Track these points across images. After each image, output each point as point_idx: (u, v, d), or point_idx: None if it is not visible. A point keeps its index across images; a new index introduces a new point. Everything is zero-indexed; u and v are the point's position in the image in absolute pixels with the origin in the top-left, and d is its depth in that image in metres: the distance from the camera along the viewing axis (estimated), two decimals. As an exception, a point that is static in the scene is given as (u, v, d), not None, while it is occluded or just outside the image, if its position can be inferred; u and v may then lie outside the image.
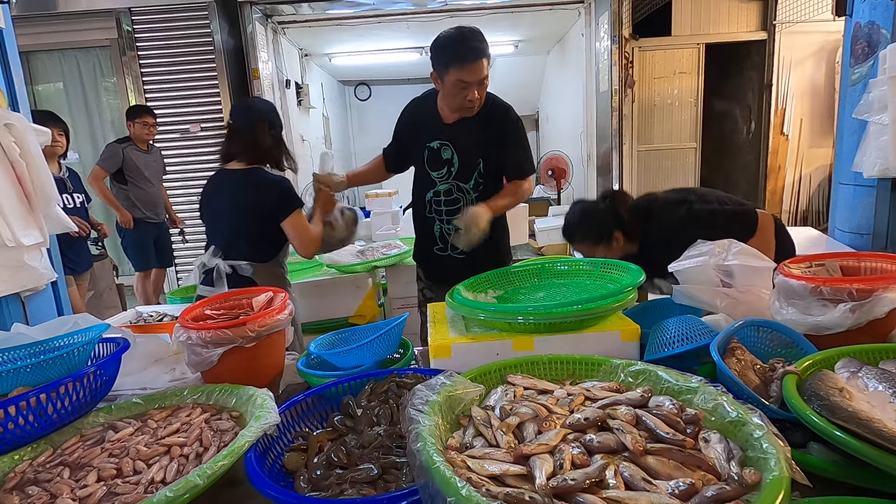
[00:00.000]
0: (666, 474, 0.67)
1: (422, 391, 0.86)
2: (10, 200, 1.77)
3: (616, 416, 0.79)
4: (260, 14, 5.17)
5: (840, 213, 2.54)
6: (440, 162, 1.92)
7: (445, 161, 1.91)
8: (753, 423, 0.71)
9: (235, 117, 1.93)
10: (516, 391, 0.93)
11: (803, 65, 5.05)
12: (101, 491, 0.82)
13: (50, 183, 1.88)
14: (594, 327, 1.17)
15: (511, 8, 5.54)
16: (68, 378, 0.98)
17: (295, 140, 6.18)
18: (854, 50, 2.39)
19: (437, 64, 1.78)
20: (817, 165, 5.22)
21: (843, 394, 0.81)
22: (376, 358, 1.33)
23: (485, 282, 1.53)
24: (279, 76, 5.76)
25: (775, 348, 1.13)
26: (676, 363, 1.02)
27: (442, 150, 1.91)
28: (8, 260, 1.79)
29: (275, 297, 1.34)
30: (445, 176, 1.93)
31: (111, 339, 1.22)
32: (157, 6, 4.73)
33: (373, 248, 2.81)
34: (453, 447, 0.78)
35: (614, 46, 5.01)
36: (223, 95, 4.90)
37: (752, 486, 0.63)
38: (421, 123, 1.97)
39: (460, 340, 1.15)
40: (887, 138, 2.05)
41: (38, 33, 4.73)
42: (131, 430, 1.00)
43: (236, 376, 1.14)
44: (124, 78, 4.85)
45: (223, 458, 0.80)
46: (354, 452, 0.90)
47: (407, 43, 6.89)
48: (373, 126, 10.20)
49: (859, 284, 1.06)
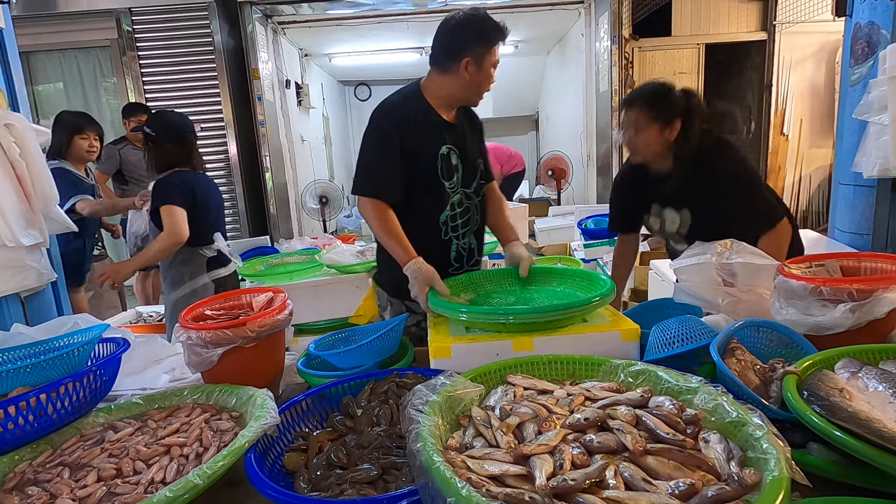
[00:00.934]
0: (666, 474, 0.67)
1: (422, 391, 0.86)
2: (10, 200, 1.77)
3: (616, 416, 0.79)
4: (260, 14, 5.17)
5: (840, 214, 2.54)
6: (451, 170, 1.65)
7: (454, 168, 1.65)
8: (753, 424, 0.71)
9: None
10: (516, 391, 0.93)
11: (803, 65, 5.05)
12: (101, 491, 0.82)
13: (50, 183, 1.89)
14: (594, 327, 1.17)
15: (511, 8, 5.54)
16: (68, 378, 0.97)
17: (295, 140, 6.19)
18: (854, 50, 2.39)
19: (475, 46, 1.53)
20: (817, 166, 5.22)
21: (843, 394, 0.81)
22: (376, 358, 1.33)
23: (458, 285, 1.52)
24: (279, 76, 5.76)
25: (775, 348, 1.12)
26: (676, 363, 1.02)
27: (451, 155, 1.64)
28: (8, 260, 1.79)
29: (275, 298, 1.34)
30: (455, 185, 1.66)
31: (111, 340, 1.22)
32: (157, 6, 4.73)
33: (373, 248, 2.80)
34: (453, 447, 0.78)
35: (614, 46, 5.01)
36: (223, 95, 4.90)
37: (752, 486, 0.63)
38: (424, 128, 1.59)
39: (460, 341, 1.15)
40: (887, 138, 2.05)
41: (38, 33, 4.73)
42: (131, 430, 1.00)
43: (236, 376, 1.14)
44: (124, 78, 4.85)
45: (223, 459, 0.80)
46: (354, 453, 0.90)
47: (407, 43, 6.89)
48: (373, 126, 10.20)
49: (859, 284, 1.06)
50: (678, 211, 1.76)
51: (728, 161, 1.70)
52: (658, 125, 1.67)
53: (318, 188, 5.84)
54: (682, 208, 1.74)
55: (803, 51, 5.01)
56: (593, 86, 5.65)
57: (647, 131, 1.69)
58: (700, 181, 1.69)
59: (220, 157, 5.03)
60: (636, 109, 1.71)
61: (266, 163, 5.28)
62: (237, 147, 5.00)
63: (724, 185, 1.67)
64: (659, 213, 1.83)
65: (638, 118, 1.70)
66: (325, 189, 5.88)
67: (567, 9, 5.64)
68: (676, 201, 1.76)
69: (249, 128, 5.19)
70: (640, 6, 5.02)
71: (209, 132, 4.97)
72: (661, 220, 1.83)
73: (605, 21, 5.14)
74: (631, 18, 4.99)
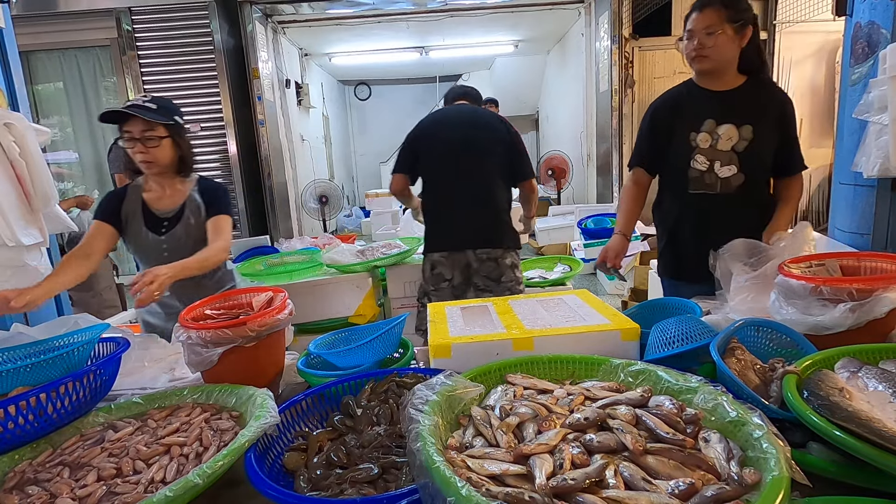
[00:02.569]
0: (666, 474, 0.67)
1: (422, 391, 0.86)
2: (10, 200, 1.77)
3: (616, 415, 0.79)
4: (260, 14, 5.17)
5: (840, 213, 2.54)
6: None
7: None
8: (753, 423, 0.71)
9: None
10: (516, 391, 0.93)
11: (803, 65, 5.05)
12: (101, 491, 0.82)
13: (50, 182, 1.89)
14: (594, 327, 1.17)
15: (511, 8, 5.54)
16: (68, 378, 0.97)
17: (295, 140, 6.19)
18: (854, 50, 2.39)
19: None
20: (817, 165, 5.22)
21: (843, 394, 0.81)
22: (376, 358, 1.33)
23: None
24: (279, 76, 5.76)
25: (775, 348, 1.13)
26: (676, 363, 1.02)
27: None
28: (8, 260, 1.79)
29: (275, 297, 1.34)
30: None
31: (111, 339, 1.22)
32: (157, 6, 4.73)
33: (373, 248, 2.81)
34: (453, 447, 0.78)
35: (614, 46, 5.01)
36: (223, 95, 4.90)
37: (752, 485, 0.63)
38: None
39: (460, 340, 1.15)
40: (887, 138, 2.04)
41: (38, 33, 4.73)
42: (131, 429, 1.00)
43: (236, 376, 1.14)
44: (124, 77, 4.85)
45: (223, 458, 0.80)
46: (354, 452, 0.90)
47: (407, 43, 6.89)
48: (373, 126, 10.22)
49: (859, 284, 1.06)
50: (739, 127, 1.72)
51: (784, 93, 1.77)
52: (734, 28, 1.65)
53: (318, 188, 5.84)
54: (744, 124, 1.71)
55: (803, 50, 5.00)
56: (593, 85, 5.65)
57: (723, 34, 1.65)
58: (767, 99, 1.71)
59: (220, 156, 5.03)
60: (713, 10, 1.66)
61: (266, 162, 5.28)
62: (237, 147, 5.00)
63: (788, 113, 1.72)
64: (712, 129, 1.76)
65: (714, 19, 1.65)
66: (325, 189, 5.89)
67: (567, 8, 5.64)
68: (739, 115, 1.72)
69: (249, 127, 5.19)
70: (640, 6, 5.01)
71: (209, 132, 4.97)
72: (715, 137, 1.76)
73: (605, 21, 5.14)
74: (631, 18, 4.99)
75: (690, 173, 1.78)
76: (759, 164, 1.72)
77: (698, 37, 1.69)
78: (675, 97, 1.86)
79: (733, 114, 1.73)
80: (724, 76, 1.75)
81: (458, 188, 2.36)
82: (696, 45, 1.70)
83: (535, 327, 1.18)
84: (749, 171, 1.72)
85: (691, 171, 1.77)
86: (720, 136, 1.74)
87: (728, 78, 1.75)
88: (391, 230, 5.81)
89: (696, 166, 1.76)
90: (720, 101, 1.75)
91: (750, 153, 1.71)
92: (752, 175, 1.73)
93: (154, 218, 1.81)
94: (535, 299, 1.44)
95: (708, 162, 1.76)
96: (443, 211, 2.42)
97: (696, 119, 1.78)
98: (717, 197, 1.76)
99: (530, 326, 1.19)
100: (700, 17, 1.68)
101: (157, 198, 1.83)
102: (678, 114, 1.83)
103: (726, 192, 1.74)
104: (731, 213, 1.75)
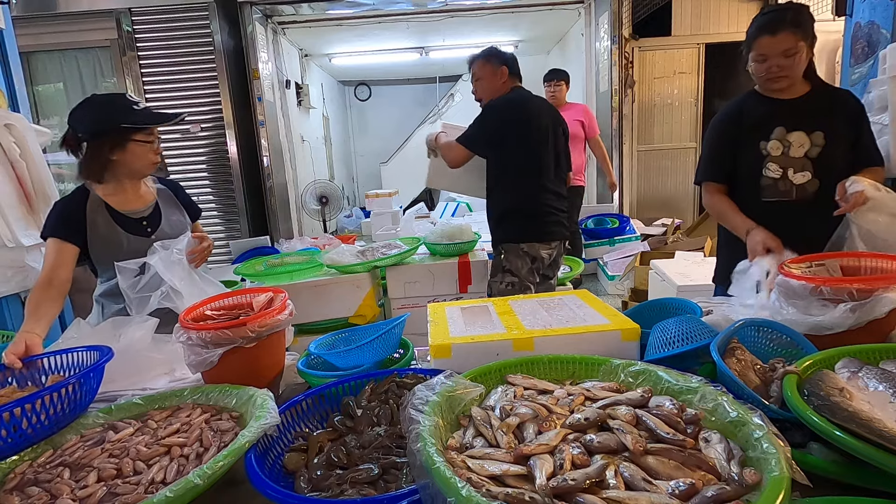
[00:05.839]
0: (666, 474, 0.67)
1: (422, 391, 0.86)
2: (10, 201, 1.77)
3: (616, 416, 0.79)
4: (260, 14, 5.18)
5: (840, 213, 2.54)
6: None
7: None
8: (753, 423, 0.71)
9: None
10: (516, 391, 0.93)
11: (803, 65, 5.04)
12: (102, 491, 0.82)
13: (50, 183, 1.89)
14: (594, 327, 1.17)
15: (511, 8, 5.54)
16: (45, 391, 0.97)
17: (295, 140, 6.19)
18: (854, 50, 2.39)
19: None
20: (817, 165, 5.22)
21: (844, 394, 0.81)
22: (376, 358, 1.33)
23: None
24: (279, 76, 5.76)
25: (775, 348, 1.12)
26: (676, 363, 1.02)
27: None
28: (8, 260, 1.79)
29: (275, 298, 1.34)
30: None
31: (94, 348, 1.21)
32: (157, 6, 4.73)
33: (373, 249, 2.80)
34: (453, 447, 0.78)
35: (614, 46, 5.01)
36: (223, 96, 4.90)
37: (753, 486, 0.63)
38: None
39: (460, 340, 1.15)
40: (887, 138, 2.05)
41: (38, 33, 4.74)
42: (131, 430, 1.00)
43: (236, 377, 1.14)
44: (124, 78, 4.85)
45: (223, 459, 0.80)
46: (354, 453, 0.90)
47: (407, 43, 6.89)
48: (373, 126, 10.22)
49: (859, 284, 1.06)
50: (809, 134, 1.72)
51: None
52: (807, 45, 1.68)
53: (318, 188, 5.84)
54: (815, 130, 1.71)
55: (803, 50, 5.00)
56: (593, 86, 5.65)
57: (798, 54, 1.67)
58: (835, 103, 1.73)
59: (220, 157, 5.03)
60: (788, 33, 1.66)
61: (266, 163, 5.29)
62: (237, 147, 5.00)
63: (858, 112, 1.74)
64: (783, 136, 1.75)
65: (791, 42, 1.66)
66: (325, 189, 5.89)
67: (567, 9, 5.64)
68: (809, 123, 1.72)
69: (249, 128, 5.19)
70: (640, 6, 5.02)
71: (209, 132, 4.98)
72: (786, 144, 1.75)
73: (605, 21, 5.14)
74: (631, 18, 4.99)
75: (763, 182, 1.76)
76: (833, 168, 1.70)
77: (774, 59, 1.69)
78: (738, 108, 1.85)
79: (803, 121, 1.73)
80: (794, 85, 1.75)
81: (554, 177, 2.44)
82: (772, 67, 1.70)
83: (535, 328, 1.18)
84: (823, 176, 1.71)
85: (764, 180, 1.76)
86: (792, 143, 1.73)
87: (796, 86, 1.75)
88: (391, 230, 5.81)
89: (768, 174, 1.75)
90: (790, 108, 1.75)
91: (823, 158, 1.71)
92: (826, 180, 1.70)
93: (128, 220, 1.69)
94: (535, 299, 1.44)
95: (781, 169, 1.75)
96: (546, 198, 2.40)
97: (765, 128, 1.78)
98: (793, 204, 1.74)
99: (530, 327, 1.19)
100: (774, 42, 1.67)
101: (124, 200, 1.70)
102: (744, 124, 1.82)
103: (802, 198, 1.73)
104: (806, 221, 1.72)
